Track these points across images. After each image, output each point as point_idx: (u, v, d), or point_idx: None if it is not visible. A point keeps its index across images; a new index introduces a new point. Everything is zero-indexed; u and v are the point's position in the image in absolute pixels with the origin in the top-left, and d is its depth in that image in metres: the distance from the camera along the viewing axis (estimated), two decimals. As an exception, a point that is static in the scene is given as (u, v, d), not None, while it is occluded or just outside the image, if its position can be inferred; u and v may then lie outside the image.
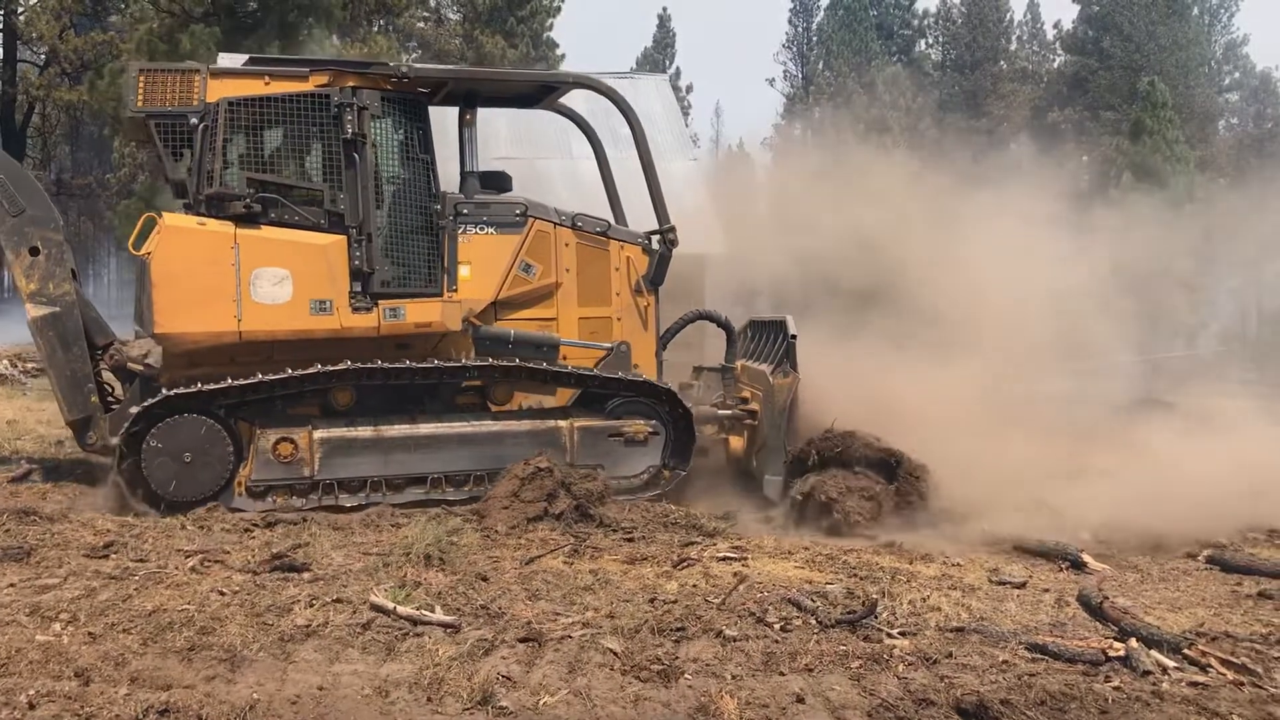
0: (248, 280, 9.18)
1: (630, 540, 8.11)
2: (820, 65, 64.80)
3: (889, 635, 6.08)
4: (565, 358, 10.32)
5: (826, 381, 10.42)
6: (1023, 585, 7.56)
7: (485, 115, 11.00)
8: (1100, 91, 57.14)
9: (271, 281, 9.23)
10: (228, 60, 17.92)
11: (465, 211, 10.04)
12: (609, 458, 9.88)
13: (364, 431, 9.35)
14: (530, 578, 6.87)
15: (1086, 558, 8.35)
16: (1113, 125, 52.53)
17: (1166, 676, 5.77)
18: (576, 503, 8.50)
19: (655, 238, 10.67)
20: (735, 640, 5.74)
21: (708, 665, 5.43)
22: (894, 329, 12.11)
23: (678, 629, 5.83)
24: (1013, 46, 71.54)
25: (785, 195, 17.46)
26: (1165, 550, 8.83)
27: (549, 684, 5.14)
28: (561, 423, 9.84)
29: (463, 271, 9.96)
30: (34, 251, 9.62)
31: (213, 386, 9.02)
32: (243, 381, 9.06)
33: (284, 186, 9.50)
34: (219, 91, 9.40)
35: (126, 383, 9.91)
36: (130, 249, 9.69)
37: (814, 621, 6.11)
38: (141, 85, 9.39)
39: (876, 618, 6.29)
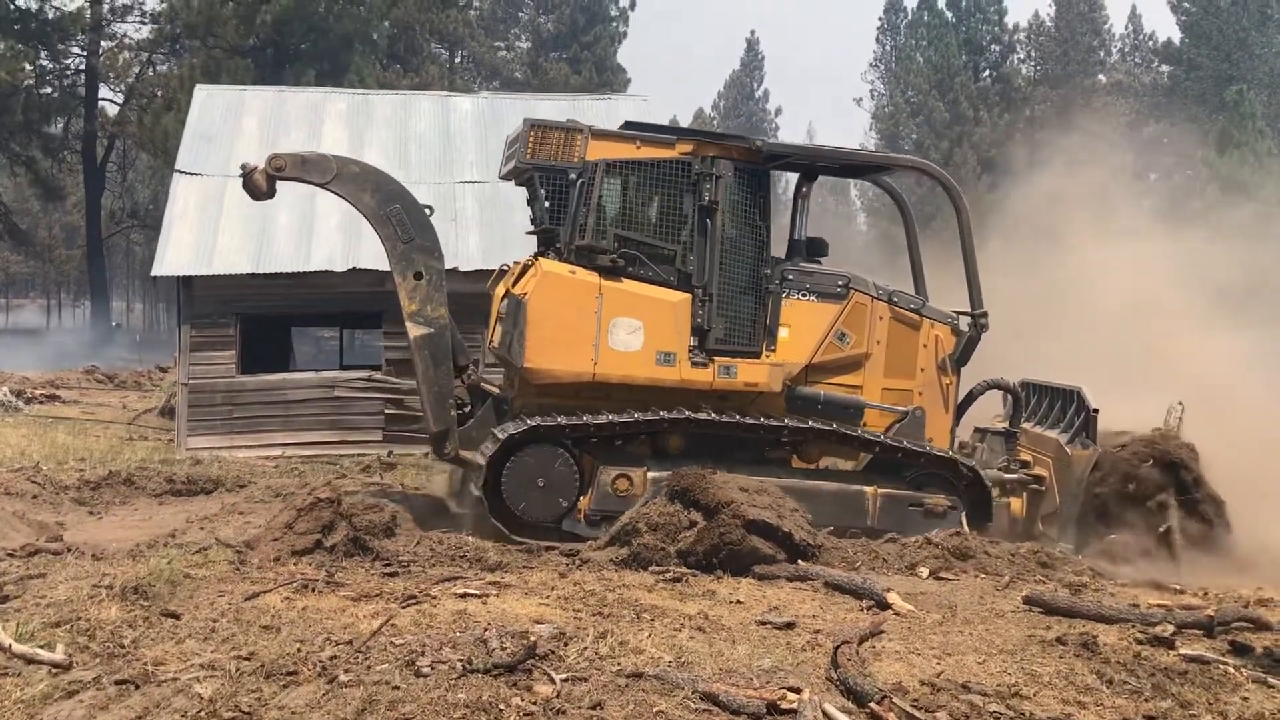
0: (606, 327, 9.95)
1: (391, 575, 7.78)
2: (902, 85, 63.55)
3: (547, 681, 5.65)
4: (864, 420, 10.65)
5: None
6: (789, 626, 7.03)
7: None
8: (1187, 103, 54.87)
9: (627, 330, 9.99)
10: (233, 90, 18.16)
11: (791, 277, 10.53)
12: (905, 526, 10.07)
13: None
14: (227, 615, 6.58)
15: (892, 597, 7.79)
16: (1200, 137, 50.38)
17: (828, 733, 5.25)
18: (355, 535, 8.22)
19: (966, 319, 10.87)
20: (345, 686, 5.37)
21: (293, 713, 5.08)
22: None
23: (291, 672, 5.49)
24: (1112, 59, 69.36)
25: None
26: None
27: (100, 730, 4.87)
28: (866, 488, 10.21)
29: (782, 333, 10.48)
30: (418, 276, 10.35)
31: (579, 421, 9.81)
32: (607, 419, 9.83)
33: (644, 244, 10.21)
34: (598, 152, 10.16)
35: (478, 400, 10.69)
36: (507, 286, 10.49)
37: (459, 666, 5.70)
38: (531, 140, 10.15)
39: (544, 660, 5.87)
